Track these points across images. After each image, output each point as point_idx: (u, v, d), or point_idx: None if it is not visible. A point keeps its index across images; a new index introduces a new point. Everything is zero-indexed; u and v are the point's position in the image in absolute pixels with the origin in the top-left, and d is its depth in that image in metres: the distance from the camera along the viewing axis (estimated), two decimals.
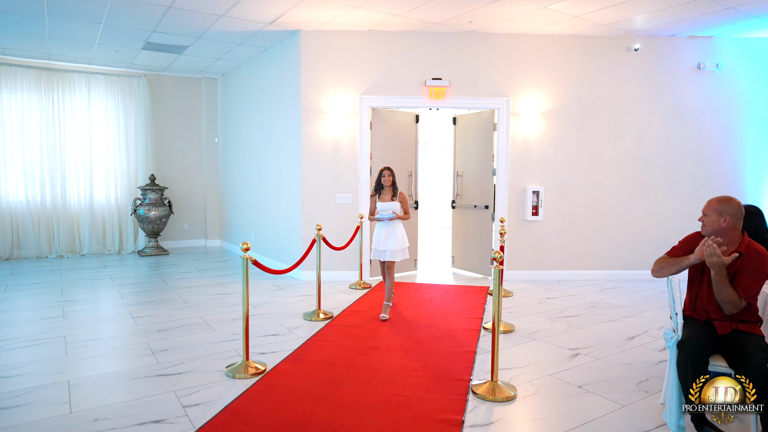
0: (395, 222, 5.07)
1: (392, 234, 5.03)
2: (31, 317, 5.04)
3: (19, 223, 8.27)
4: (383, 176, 5.07)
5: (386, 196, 5.09)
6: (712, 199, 2.89)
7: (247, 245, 3.70)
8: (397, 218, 5.03)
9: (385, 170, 5.10)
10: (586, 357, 3.99)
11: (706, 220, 2.86)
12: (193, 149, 9.77)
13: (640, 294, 6.07)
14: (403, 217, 5.09)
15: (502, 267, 3.35)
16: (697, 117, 6.79)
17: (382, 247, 5.05)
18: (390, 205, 5.04)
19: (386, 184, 5.08)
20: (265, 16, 6.00)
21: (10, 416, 2.96)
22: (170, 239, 9.59)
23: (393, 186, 5.10)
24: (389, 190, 5.11)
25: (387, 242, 5.02)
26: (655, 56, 6.69)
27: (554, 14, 5.83)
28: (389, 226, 5.05)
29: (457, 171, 7.15)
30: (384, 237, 5.05)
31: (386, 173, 5.08)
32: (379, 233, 5.11)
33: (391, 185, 5.09)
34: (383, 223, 5.08)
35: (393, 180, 5.10)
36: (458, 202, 7.22)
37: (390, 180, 5.07)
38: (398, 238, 5.04)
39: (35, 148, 8.28)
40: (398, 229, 5.08)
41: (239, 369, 3.60)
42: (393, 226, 5.05)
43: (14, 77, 8.07)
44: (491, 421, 2.96)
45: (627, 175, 6.80)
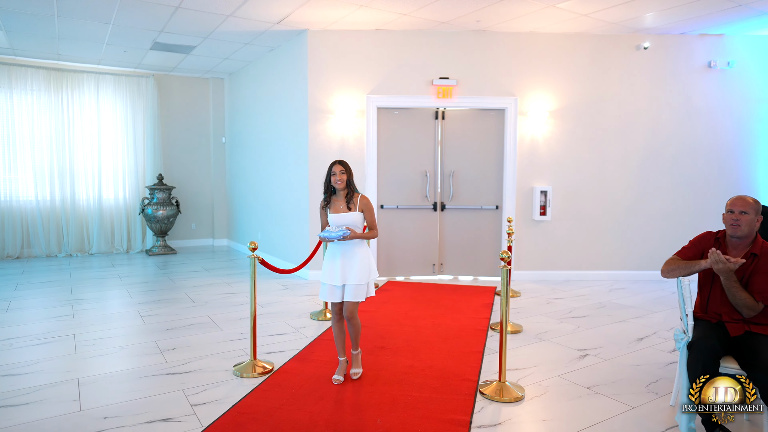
0: (353, 243, 3.38)
1: (350, 260, 3.36)
2: (41, 315, 5.08)
3: (29, 222, 8.35)
4: (333, 174, 3.40)
5: (339, 204, 3.45)
6: (744, 197, 2.79)
7: (255, 245, 3.71)
8: (353, 236, 3.30)
9: (335, 165, 3.42)
10: (594, 358, 3.96)
11: (744, 218, 2.74)
12: (200, 149, 9.81)
13: (649, 295, 6.02)
14: (364, 235, 3.37)
15: (510, 267, 3.33)
16: (707, 115, 6.73)
17: (337, 281, 3.36)
18: (345, 218, 3.39)
19: (338, 186, 3.41)
20: (273, 16, 6.01)
21: (22, 413, 2.98)
22: (178, 238, 9.64)
23: (348, 188, 3.43)
24: (343, 195, 3.45)
25: (344, 273, 3.36)
26: (665, 55, 6.64)
27: (562, 13, 5.80)
28: (344, 250, 3.37)
29: (451, 171, 6.84)
30: (339, 266, 3.36)
31: (337, 170, 3.40)
32: (330, 260, 3.42)
33: (345, 188, 3.43)
34: (335, 245, 3.40)
35: (348, 180, 3.42)
36: (450, 203, 6.85)
37: (344, 180, 3.40)
38: (360, 266, 3.36)
39: (45, 148, 8.35)
40: (358, 252, 3.39)
41: (247, 368, 3.61)
42: (350, 248, 3.37)
43: (25, 77, 8.14)
44: (499, 421, 2.94)
45: (636, 174, 6.75)
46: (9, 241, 8.19)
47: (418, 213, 6.85)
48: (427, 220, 6.88)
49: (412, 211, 6.86)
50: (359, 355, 3.60)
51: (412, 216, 6.86)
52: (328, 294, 3.44)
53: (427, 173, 6.80)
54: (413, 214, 6.86)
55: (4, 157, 8.10)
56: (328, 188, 3.47)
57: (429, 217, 6.87)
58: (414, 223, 6.87)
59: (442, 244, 6.91)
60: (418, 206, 6.85)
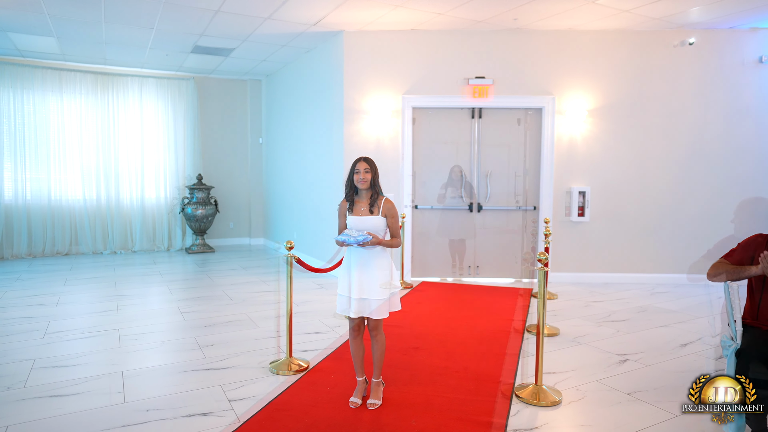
0: (375, 251, 3.05)
1: (370, 271, 3.02)
2: (88, 310, 5.30)
3: (77, 220, 8.71)
4: (356, 172, 3.07)
5: (360, 206, 3.11)
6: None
7: (291, 244, 3.76)
8: (374, 242, 2.97)
9: (359, 162, 3.09)
10: (635, 363, 3.85)
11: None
12: (238, 149, 10.02)
13: (693, 299, 5.81)
14: (387, 242, 3.05)
15: (547, 269, 3.28)
16: (758, 114, 6.43)
17: (355, 294, 3.03)
18: (366, 221, 3.05)
19: (361, 185, 3.08)
20: (309, 18, 6.08)
21: (70, 403, 3.12)
22: (216, 237, 9.87)
23: (372, 189, 3.10)
24: (366, 197, 3.12)
25: (361, 285, 3.02)
26: (712, 50, 6.39)
27: (602, 9, 5.65)
28: (364, 258, 3.03)
29: (487, 171, 6.77)
30: (357, 276, 3.03)
31: (361, 167, 3.06)
32: (347, 269, 3.09)
33: (369, 188, 3.10)
34: (353, 251, 3.07)
35: (372, 179, 3.08)
36: (486, 203, 6.76)
37: (367, 180, 3.07)
38: (380, 278, 3.02)
39: (92, 150, 8.69)
40: (380, 261, 3.04)
41: (282, 365, 3.66)
42: (371, 257, 3.03)
43: (74, 82, 8.50)
44: (535, 426, 2.90)
45: (679, 175, 6.52)
46: (59, 239, 8.57)
47: (454, 213, 6.81)
48: (463, 221, 6.82)
49: (447, 212, 6.82)
50: (381, 385, 3.19)
51: (447, 216, 6.82)
52: (346, 306, 3.08)
53: (463, 173, 6.75)
54: (448, 214, 6.82)
55: (55, 158, 8.47)
56: (351, 187, 3.13)
57: (464, 217, 6.81)
58: (449, 224, 6.82)
59: (477, 246, 6.84)
60: (453, 207, 6.80)
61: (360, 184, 3.08)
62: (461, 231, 6.84)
